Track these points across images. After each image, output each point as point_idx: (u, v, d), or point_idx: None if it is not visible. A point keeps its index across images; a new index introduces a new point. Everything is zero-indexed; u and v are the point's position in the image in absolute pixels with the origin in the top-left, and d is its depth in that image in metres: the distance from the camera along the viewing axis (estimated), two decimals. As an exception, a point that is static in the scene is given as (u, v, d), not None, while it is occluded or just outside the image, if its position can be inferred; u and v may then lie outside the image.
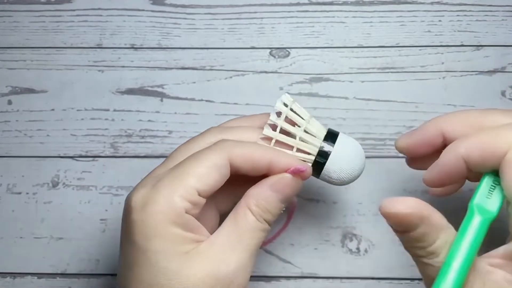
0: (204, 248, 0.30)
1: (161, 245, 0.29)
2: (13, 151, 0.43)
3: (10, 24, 0.45)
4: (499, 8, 0.44)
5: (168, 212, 0.29)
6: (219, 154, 0.31)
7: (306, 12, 0.45)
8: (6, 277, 0.42)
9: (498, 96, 0.43)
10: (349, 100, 0.43)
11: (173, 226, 0.29)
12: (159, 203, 0.29)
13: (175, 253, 0.29)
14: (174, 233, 0.29)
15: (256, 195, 0.31)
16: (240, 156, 0.31)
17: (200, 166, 0.30)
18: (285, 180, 0.32)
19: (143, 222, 0.29)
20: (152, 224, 0.29)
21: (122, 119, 0.43)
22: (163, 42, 0.44)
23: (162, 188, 0.30)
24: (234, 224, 0.31)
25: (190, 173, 0.30)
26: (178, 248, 0.29)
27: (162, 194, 0.29)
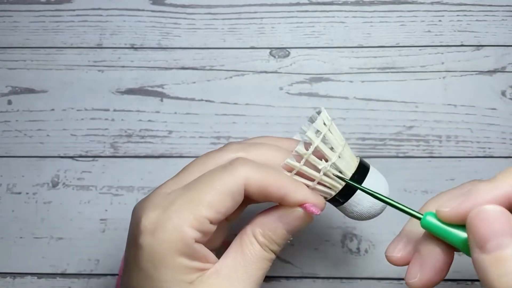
0: (209, 278, 0.29)
1: (167, 275, 0.28)
2: (13, 151, 0.43)
3: (10, 24, 0.45)
4: (499, 8, 0.44)
5: (177, 242, 0.28)
6: (235, 179, 0.29)
7: (306, 12, 0.44)
8: (6, 277, 0.42)
9: (498, 96, 0.43)
10: (349, 100, 0.43)
11: (180, 256, 0.28)
12: (168, 231, 0.28)
13: (180, 283, 0.28)
14: (181, 264, 0.28)
15: (264, 225, 0.30)
16: (256, 185, 0.29)
17: (214, 193, 0.29)
18: (296, 214, 0.30)
19: (151, 248, 0.28)
20: (160, 253, 0.28)
21: (122, 119, 0.43)
22: (163, 42, 0.44)
23: (173, 214, 0.28)
24: (240, 254, 0.30)
25: (202, 201, 0.29)
26: (184, 278, 0.28)
27: (172, 223, 0.28)
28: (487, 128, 0.42)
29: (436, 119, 0.42)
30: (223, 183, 0.29)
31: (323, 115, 0.31)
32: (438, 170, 0.42)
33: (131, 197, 0.42)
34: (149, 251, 0.28)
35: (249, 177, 0.29)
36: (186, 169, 0.31)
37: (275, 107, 0.43)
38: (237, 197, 0.29)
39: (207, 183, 0.29)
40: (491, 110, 0.42)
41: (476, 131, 0.42)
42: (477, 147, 0.42)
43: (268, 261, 0.31)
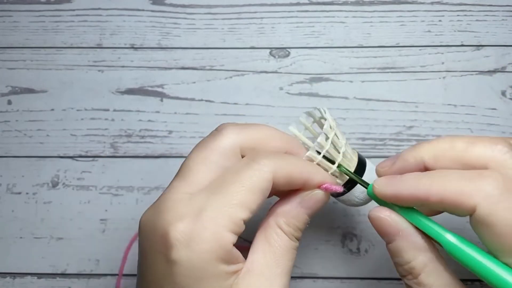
0: (244, 279, 0.28)
1: (210, 285, 0.27)
2: (13, 151, 0.43)
3: (10, 24, 0.45)
4: (499, 8, 0.44)
5: (218, 250, 0.27)
6: (263, 175, 0.28)
7: (306, 12, 0.44)
8: (6, 277, 0.42)
9: (498, 95, 0.43)
10: (349, 100, 0.43)
11: (221, 263, 0.27)
12: (207, 241, 0.27)
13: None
14: (222, 271, 0.27)
15: (286, 213, 0.30)
16: (282, 176, 0.29)
17: (245, 192, 0.28)
18: (317, 197, 0.31)
19: (190, 262, 0.27)
20: (201, 265, 0.27)
21: (122, 119, 0.43)
22: (163, 42, 0.44)
23: (208, 222, 0.27)
24: (268, 248, 0.29)
25: (235, 203, 0.28)
26: (225, 284, 0.27)
27: (210, 231, 0.27)
28: (487, 128, 0.42)
29: (436, 119, 0.42)
30: (252, 180, 0.28)
31: (329, 118, 0.32)
32: (438, 170, 0.42)
33: (131, 197, 0.42)
34: (187, 265, 0.27)
35: (275, 170, 0.29)
36: (189, 167, 0.30)
37: (275, 107, 0.43)
38: (266, 192, 0.29)
39: (235, 183, 0.28)
40: (491, 110, 0.42)
41: (476, 131, 0.42)
42: (477, 147, 0.42)
43: (295, 250, 0.30)
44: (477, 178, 0.26)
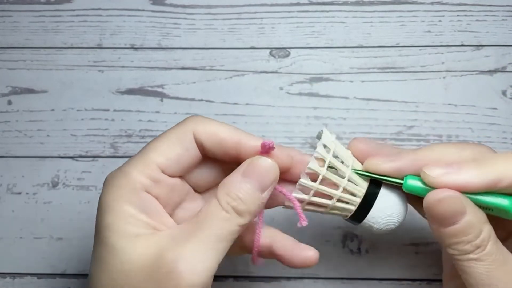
0: (157, 237, 0.28)
1: (111, 222, 0.28)
2: (13, 151, 0.43)
3: (10, 24, 0.45)
4: (499, 8, 0.44)
5: (124, 188, 0.28)
6: (182, 128, 0.30)
7: (306, 12, 0.45)
8: (6, 277, 0.42)
9: (498, 95, 0.43)
10: (350, 100, 0.43)
11: (127, 204, 0.28)
12: (117, 178, 0.29)
13: (124, 232, 0.28)
14: (127, 212, 0.28)
15: (227, 184, 0.29)
16: (206, 132, 0.29)
17: (162, 141, 0.29)
18: (258, 164, 0.29)
19: (103, 198, 0.29)
20: (108, 199, 0.28)
21: (122, 119, 0.43)
22: (163, 42, 0.44)
23: (126, 165, 0.29)
24: (197, 214, 0.29)
25: (151, 148, 0.29)
26: (129, 228, 0.28)
27: (122, 170, 0.29)
28: (487, 128, 0.42)
29: (436, 119, 0.42)
30: (171, 133, 0.30)
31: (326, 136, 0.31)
32: (438, 170, 0.42)
33: (131, 197, 0.42)
34: (101, 201, 0.29)
35: (197, 126, 0.29)
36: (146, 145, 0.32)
37: (275, 107, 0.43)
38: (187, 144, 0.29)
39: (157, 138, 0.30)
40: (491, 110, 0.42)
41: (477, 130, 0.42)
42: (477, 146, 0.42)
43: (229, 222, 0.28)
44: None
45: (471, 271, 0.28)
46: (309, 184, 0.30)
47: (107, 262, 0.28)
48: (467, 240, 0.28)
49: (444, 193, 0.28)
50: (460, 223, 0.28)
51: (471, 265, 0.28)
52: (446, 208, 0.28)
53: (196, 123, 0.30)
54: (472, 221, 0.28)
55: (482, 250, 0.28)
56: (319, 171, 0.29)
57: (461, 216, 0.28)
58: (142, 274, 0.27)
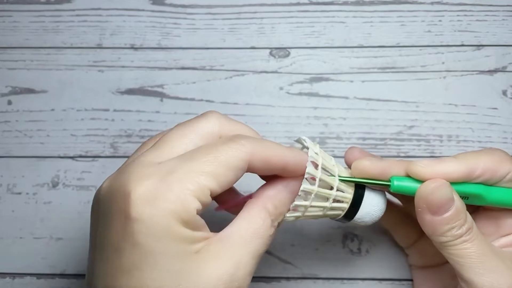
0: (215, 248, 0.27)
1: (172, 246, 0.26)
2: (13, 151, 0.43)
3: (10, 24, 0.45)
4: (500, 8, 0.44)
5: (181, 212, 0.26)
6: (240, 154, 0.28)
7: (306, 12, 0.44)
8: (6, 277, 0.42)
9: (499, 95, 0.42)
10: (350, 100, 0.43)
11: (184, 226, 0.26)
12: (170, 201, 0.26)
13: (186, 253, 0.26)
14: (186, 234, 0.26)
15: (274, 197, 0.30)
16: (260, 159, 0.28)
17: (218, 164, 0.27)
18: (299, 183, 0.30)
19: (152, 220, 0.26)
20: (163, 224, 0.26)
21: (122, 119, 0.43)
22: (163, 42, 0.44)
23: (175, 184, 0.26)
24: (248, 224, 0.28)
25: (206, 171, 0.27)
26: (189, 248, 0.26)
27: (175, 191, 0.26)
28: (488, 128, 0.42)
29: (437, 119, 0.42)
30: (228, 157, 0.27)
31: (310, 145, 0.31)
32: (439, 170, 0.42)
33: (131, 197, 0.42)
34: (148, 224, 0.25)
35: (253, 152, 0.28)
36: (166, 141, 0.29)
37: (275, 107, 0.43)
38: (239, 173, 0.28)
39: (210, 154, 0.27)
40: (492, 110, 0.42)
41: (477, 130, 0.42)
42: (478, 146, 0.42)
43: (272, 236, 0.29)
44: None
45: (465, 253, 0.31)
46: (309, 187, 0.30)
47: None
48: (459, 224, 0.31)
49: (436, 182, 0.31)
50: (451, 210, 0.31)
51: (465, 247, 0.31)
52: (439, 196, 0.30)
53: (253, 149, 0.28)
54: (460, 206, 0.31)
55: (472, 231, 0.31)
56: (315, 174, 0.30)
57: (452, 203, 0.31)
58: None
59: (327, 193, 0.31)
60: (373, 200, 0.33)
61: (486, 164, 0.32)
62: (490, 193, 0.32)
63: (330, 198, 0.31)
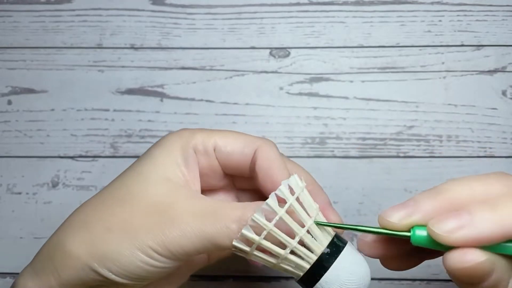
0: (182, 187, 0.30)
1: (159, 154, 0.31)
2: (13, 151, 0.43)
3: (10, 24, 0.45)
4: (499, 8, 0.44)
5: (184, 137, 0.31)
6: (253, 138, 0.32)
7: (306, 12, 0.44)
8: (6, 277, 0.42)
9: (499, 95, 0.43)
10: (350, 100, 0.43)
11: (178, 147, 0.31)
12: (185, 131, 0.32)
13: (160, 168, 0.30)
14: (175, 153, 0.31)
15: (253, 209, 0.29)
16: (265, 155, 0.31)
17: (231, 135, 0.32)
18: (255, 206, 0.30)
19: (167, 136, 0.32)
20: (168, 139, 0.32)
21: (122, 119, 0.43)
22: (163, 42, 0.44)
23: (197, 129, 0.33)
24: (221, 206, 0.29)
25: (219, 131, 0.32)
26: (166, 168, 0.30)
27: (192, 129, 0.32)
28: (487, 128, 0.42)
29: (436, 119, 0.42)
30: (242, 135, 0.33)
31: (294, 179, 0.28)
32: (438, 170, 0.42)
33: (131, 197, 0.42)
34: (162, 137, 0.32)
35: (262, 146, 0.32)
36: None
37: (275, 107, 0.43)
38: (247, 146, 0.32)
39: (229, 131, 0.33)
40: (491, 110, 0.42)
41: (477, 130, 0.42)
42: (477, 146, 0.42)
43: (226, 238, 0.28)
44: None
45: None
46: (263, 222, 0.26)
47: (129, 181, 0.31)
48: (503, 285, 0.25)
49: (468, 257, 0.24)
50: (488, 281, 0.25)
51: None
52: (472, 273, 0.24)
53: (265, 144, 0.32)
54: (500, 277, 0.25)
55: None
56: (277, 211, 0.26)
57: (489, 276, 0.25)
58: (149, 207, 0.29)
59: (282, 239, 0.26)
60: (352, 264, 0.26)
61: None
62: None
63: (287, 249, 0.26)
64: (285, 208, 0.26)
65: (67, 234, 0.30)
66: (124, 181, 0.31)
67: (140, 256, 0.28)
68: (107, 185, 0.32)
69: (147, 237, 0.28)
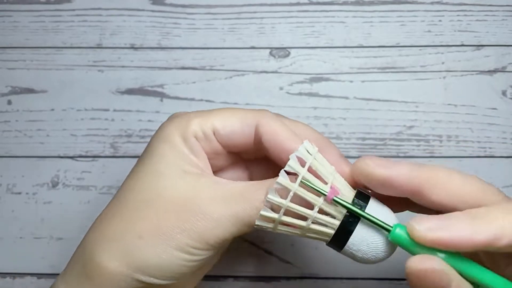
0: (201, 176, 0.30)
1: (167, 150, 0.30)
2: (13, 151, 0.43)
3: (10, 24, 0.45)
4: (499, 8, 0.44)
5: (183, 126, 0.30)
6: (249, 113, 0.31)
7: (306, 12, 0.44)
8: (6, 277, 0.42)
9: (499, 95, 0.43)
10: (349, 100, 0.43)
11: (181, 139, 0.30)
12: (180, 117, 0.31)
13: (176, 163, 0.30)
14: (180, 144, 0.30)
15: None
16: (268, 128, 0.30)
17: (227, 112, 0.31)
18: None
19: (164, 127, 0.31)
20: (168, 130, 0.31)
21: (122, 119, 0.43)
22: (163, 42, 0.44)
23: (191, 112, 0.32)
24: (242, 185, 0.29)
25: (215, 111, 0.32)
26: (180, 162, 0.30)
27: (187, 114, 0.32)
28: (487, 128, 0.42)
29: (436, 119, 0.42)
30: (239, 111, 0.32)
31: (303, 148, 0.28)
32: (438, 170, 0.42)
33: (131, 197, 0.42)
34: (160, 129, 0.31)
35: (263, 118, 0.31)
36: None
37: (275, 107, 0.43)
38: (246, 126, 0.31)
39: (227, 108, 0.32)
40: (491, 110, 0.42)
41: (477, 130, 0.42)
42: (477, 146, 0.42)
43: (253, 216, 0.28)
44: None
45: None
46: (277, 201, 0.27)
47: (148, 181, 0.30)
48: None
49: (427, 263, 0.25)
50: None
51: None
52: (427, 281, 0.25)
53: (265, 116, 0.31)
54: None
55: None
56: (290, 187, 0.26)
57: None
58: (175, 205, 0.28)
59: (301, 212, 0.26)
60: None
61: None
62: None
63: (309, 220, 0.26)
64: (297, 183, 0.26)
65: (100, 248, 0.29)
66: (142, 182, 0.30)
67: (179, 255, 0.28)
68: (123, 188, 0.31)
69: (182, 235, 0.28)
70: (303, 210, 0.27)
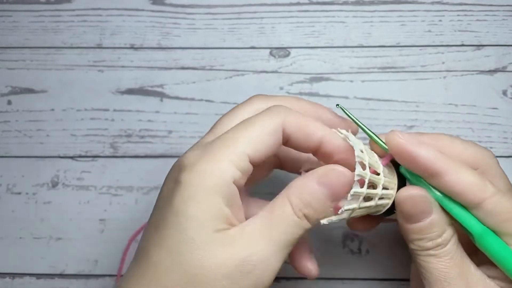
0: (234, 233, 0.27)
1: (196, 212, 0.27)
2: (13, 151, 0.43)
3: (9, 24, 0.45)
4: (500, 8, 0.44)
5: (216, 176, 0.27)
6: (273, 118, 0.29)
7: (306, 12, 0.44)
8: (5, 277, 0.41)
9: (499, 95, 0.42)
10: (350, 100, 0.43)
11: (216, 194, 0.27)
12: (206, 163, 0.28)
13: (206, 227, 0.27)
14: (214, 203, 0.27)
15: (300, 187, 0.29)
16: (295, 124, 0.29)
17: (253, 131, 0.28)
18: (335, 175, 0.29)
19: (188, 183, 0.27)
20: (195, 186, 0.27)
21: (122, 119, 0.43)
22: (163, 42, 0.44)
23: (213, 150, 0.28)
24: (269, 214, 0.28)
25: (241, 137, 0.28)
26: (211, 223, 0.27)
27: (212, 157, 0.28)
28: (488, 128, 0.42)
29: (437, 119, 0.42)
30: (262, 123, 0.29)
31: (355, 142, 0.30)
32: (439, 170, 0.42)
33: (131, 197, 0.42)
34: (185, 185, 0.27)
35: (287, 117, 0.29)
36: (219, 123, 0.32)
37: (275, 107, 0.43)
38: (276, 136, 0.29)
39: (246, 125, 0.29)
40: (492, 110, 0.42)
41: (477, 130, 0.42)
42: (478, 146, 0.42)
43: (298, 228, 0.28)
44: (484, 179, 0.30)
45: (429, 267, 0.30)
46: (360, 191, 0.29)
47: (182, 254, 0.27)
48: (429, 237, 0.30)
49: (414, 190, 0.30)
50: (425, 222, 0.30)
51: (430, 261, 0.30)
52: (413, 205, 0.29)
53: (286, 114, 0.29)
54: (436, 221, 0.30)
55: (442, 248, 0.30)
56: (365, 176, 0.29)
57: (427, 215, 0.29)
58: (221, 271, 0.27)
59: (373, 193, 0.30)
60: None
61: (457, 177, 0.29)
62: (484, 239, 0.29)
63: (375, 197, 0.30)
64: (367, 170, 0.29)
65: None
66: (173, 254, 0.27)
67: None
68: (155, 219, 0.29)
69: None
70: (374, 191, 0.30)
